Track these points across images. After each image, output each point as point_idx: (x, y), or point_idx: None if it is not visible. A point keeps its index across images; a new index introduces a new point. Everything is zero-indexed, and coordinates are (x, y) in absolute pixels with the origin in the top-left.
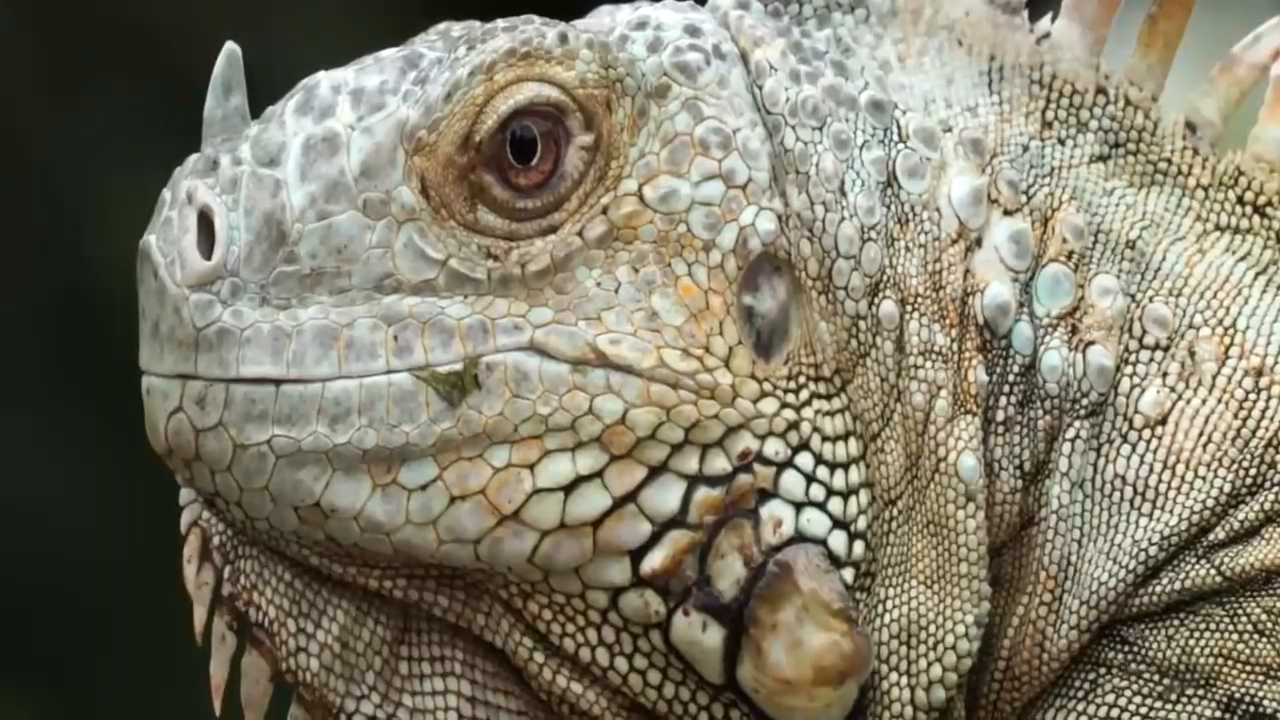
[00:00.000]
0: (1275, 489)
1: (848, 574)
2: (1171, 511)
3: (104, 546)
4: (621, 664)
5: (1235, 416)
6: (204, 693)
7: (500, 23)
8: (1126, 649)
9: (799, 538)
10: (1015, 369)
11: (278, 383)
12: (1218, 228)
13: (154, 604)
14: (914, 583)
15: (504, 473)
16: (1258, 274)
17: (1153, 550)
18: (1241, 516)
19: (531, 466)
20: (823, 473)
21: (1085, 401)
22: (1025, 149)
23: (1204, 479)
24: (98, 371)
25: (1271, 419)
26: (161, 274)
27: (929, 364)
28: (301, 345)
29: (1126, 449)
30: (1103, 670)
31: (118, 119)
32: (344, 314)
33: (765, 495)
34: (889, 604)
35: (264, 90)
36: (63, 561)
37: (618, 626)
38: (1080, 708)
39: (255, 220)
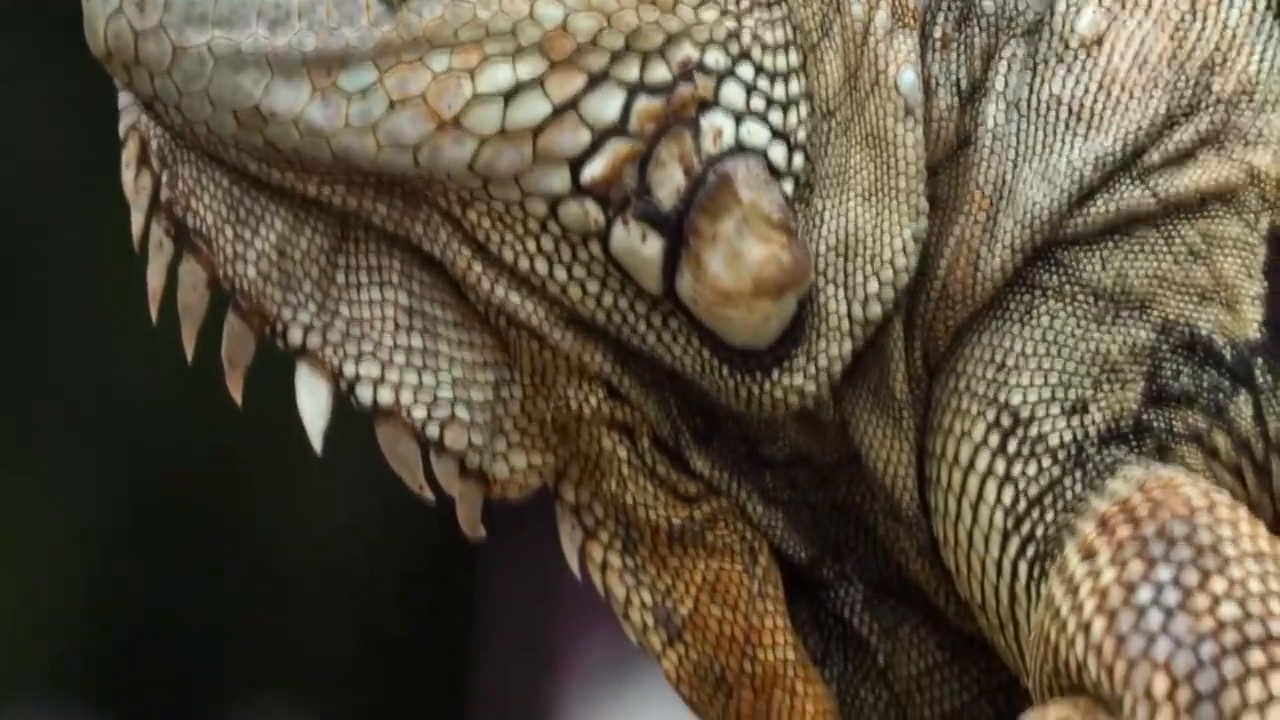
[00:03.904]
0: (1209, 111)
1: (787, 186)
2: (1106, 133)
3: (39, 158)
4: (560, 273)
5: (1170, 39)
6: (141, 303)
7: None
8: (1061, 272)
9: (739, 148)
10: None
11: None
12: None
13: (91, 218)
14: (852, 196)
15: (444, 78)
16: None
17: (1087, 171)
18: (1176, 139)
19: (471, 72)
20: (763, 83)
21: (1021, 21)
22: None
23: (1139, 100)
24: None
25: (1207, 41)
26: None
27: None
28: None
29: (1062, 70)
30: (1038, 293)
31: None
32: None
33: (706, 105)
34: (827, 216)
35: None
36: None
37: (557, 236)
38: (1016, 330)
39: None
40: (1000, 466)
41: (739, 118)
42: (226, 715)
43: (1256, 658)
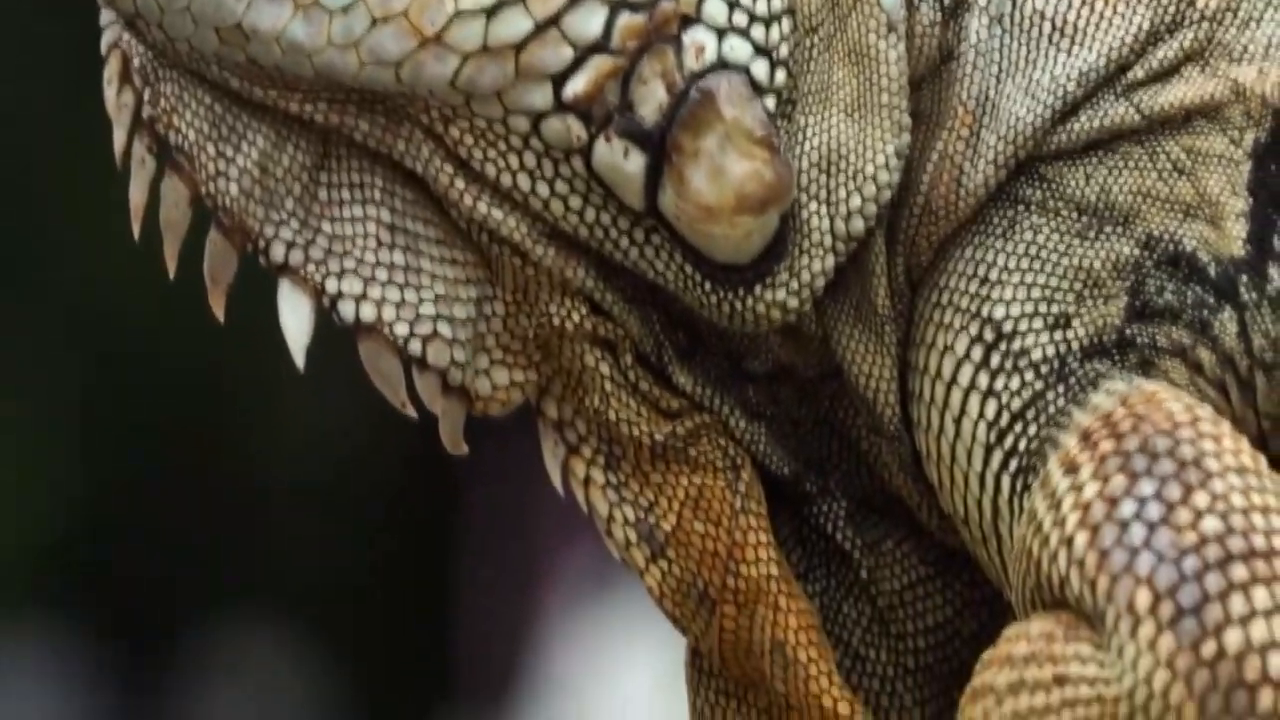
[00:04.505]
0: (1194, 27)
1: (770, 102)
2: (1090, 48)
3: (22, 76)
4: (543, 189)
5: None
6: (124, 220)
7: None
8: (1045, 186)
9: (721, 65)
10: None
11: None
12: None
13: (73, 135)
14: (834, 111)
15: None
16: None
17: (1070, 87)
18: (1160, 55)
19: None
20: None
21: None
22: None
23: (1123, 15)
24: None
25: None
26: None
27: None
28: None
29: None
30: (1021, 208)
31: None
32: None
33: (688, 21)
34: (809, 132)
35: None
36: None
37: (539, 152)
38: (999, 245)
39: None
40: (983, 380)
41: (721, 34)
42: (211, 626)
43: (1239, 572)
